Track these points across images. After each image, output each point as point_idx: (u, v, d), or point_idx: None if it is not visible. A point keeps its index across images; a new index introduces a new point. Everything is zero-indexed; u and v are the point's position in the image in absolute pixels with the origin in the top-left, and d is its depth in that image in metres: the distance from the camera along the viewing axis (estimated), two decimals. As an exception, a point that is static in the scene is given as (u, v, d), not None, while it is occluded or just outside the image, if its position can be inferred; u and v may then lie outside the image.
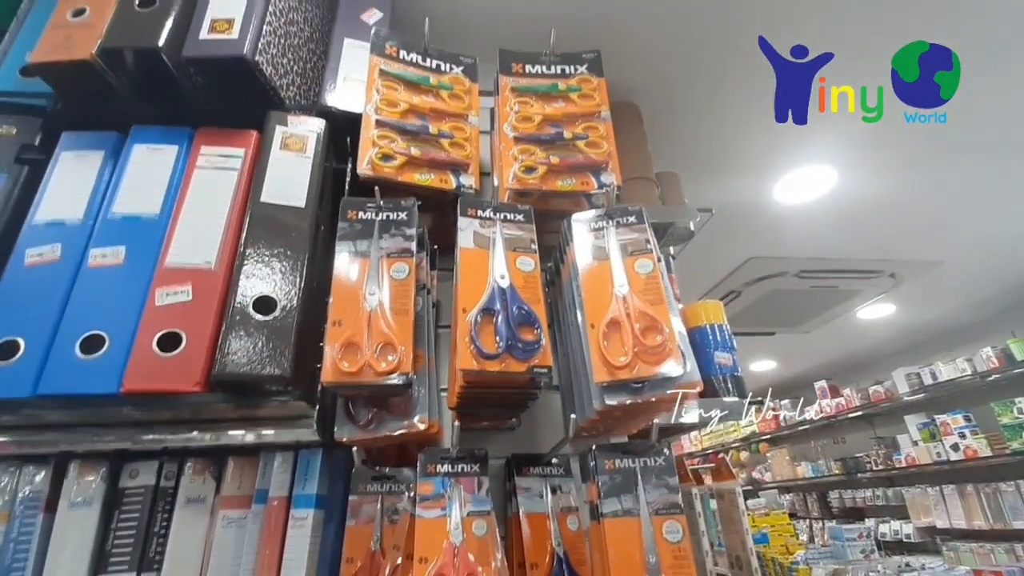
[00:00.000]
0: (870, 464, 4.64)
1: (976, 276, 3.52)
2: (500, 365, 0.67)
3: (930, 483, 4.12)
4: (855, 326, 4.33)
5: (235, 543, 0.78)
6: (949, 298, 3.89)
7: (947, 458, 3.81)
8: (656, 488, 0.74)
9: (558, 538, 0.79)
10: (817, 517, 5.44)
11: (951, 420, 3.89)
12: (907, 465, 4.16)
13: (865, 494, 4.87)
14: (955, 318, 4.26)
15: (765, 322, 4.20)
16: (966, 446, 3.72)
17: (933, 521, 3.95)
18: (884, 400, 4.44)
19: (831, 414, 5.01)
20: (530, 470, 0.86)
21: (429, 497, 0.72)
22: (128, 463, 0.82)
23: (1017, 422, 3.41)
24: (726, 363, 1.27)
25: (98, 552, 0.76)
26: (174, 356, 0.68)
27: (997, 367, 3.58)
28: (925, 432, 4.11)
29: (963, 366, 3.89)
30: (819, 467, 5.37)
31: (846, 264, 3.27)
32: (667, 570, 0.68)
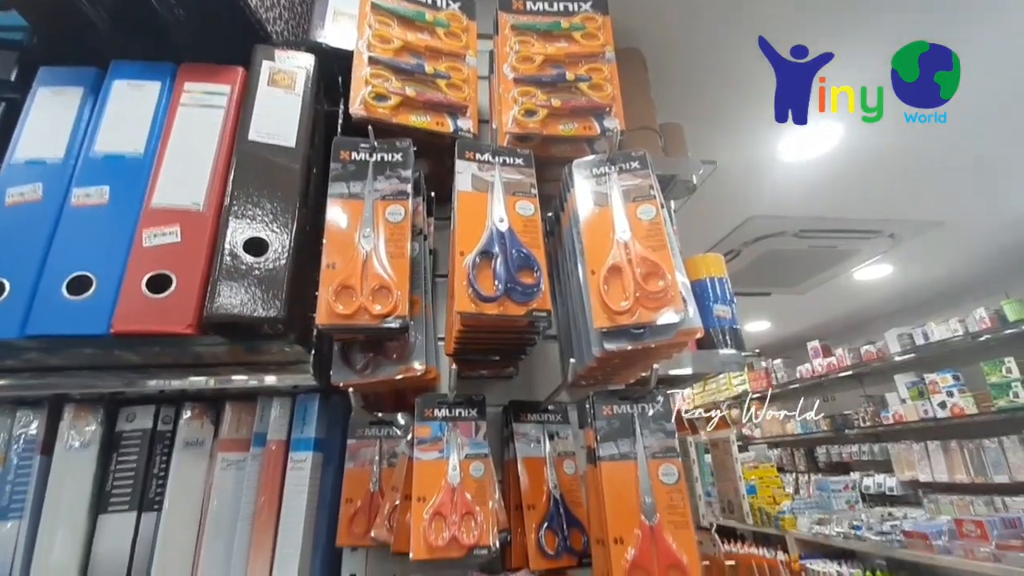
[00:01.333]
0: (858, 421, 4.75)
1: (975, 237, 3.51)
2: (498, 308, 0.65)
3: (915, 439, 4.24)
4: (851, 287, 4.34)
5: (235, 484, 0.78)
6: (946, 260, 3.89)
7: (934, 415, 3.90)
8: (653, 433, 0.74)
9: (555, 481, 0.80)
10: (804, 471, 5.61)
11: (940, 379, 3.96)
12: (894, 422, 4.26)
13: (851, 449, 5.01)
14: (951, 280, 4.28)
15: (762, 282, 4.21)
16: (953, 404, 3.80)
17: (916, 475, 4.08)
18: (875, 360, 4.50)
19: (822, 373, 5.09)
20: (528, 416, 0.86)
21: (427, 440, 0.72)
22: (125, 407, 0.82)
23: (1005, 381, 3.47)
24: (725, 316, 1.27)
25: (98, 492, 0.76)
26: (164, 298, 0.66)
27: (989, 328, 3.62)
28: (914, 390, 4.19)
29: (955, 327, 3.93)
30: (808, 424, 5.51)
31: (846, 224, 3.25)
32: (662, 510, 0.69)
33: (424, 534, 0.64)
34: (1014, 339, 3.50)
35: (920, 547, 2.32)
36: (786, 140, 2.29)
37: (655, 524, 0.69)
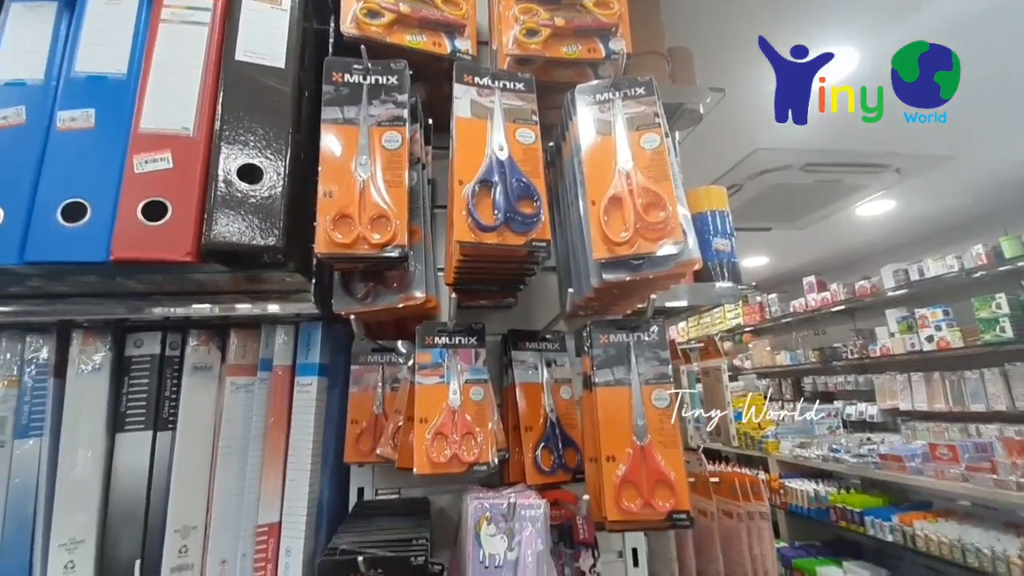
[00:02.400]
0: (846, 353, 4.89)
1: (980, 173, 3.45)
2: (498, 238, 0.65)
3: (900, 371, 4.38)
4: (852, 223, 4.32)
5: (244, 406, 0.82)
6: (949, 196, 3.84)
7: (920, 348, 4.01)
8: (648, 361, 0.77)
9: (551, 405, 0.83)
10: (789, 400, 5.85)
11: (930, 314, 4.04)
12: (881, 355, 4.39)
13: (837, 380, 5.19)
14: (952, 216, 4.25)
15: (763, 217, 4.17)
16: (940, 338, 3.89)
17: (897, 404, 4.26)
18: (868, 295, 4.56)
19: (815, 307, 5.18)
20: (526, 345, 0.88)
21: (428, 366, 0.74)
22: (132, 334, 0.83)
23: (993, 316, 3.54)
24: (724, 249, 1.27)
25: (113, 413, 0.79)
26: (161, 225, 0.66)
27: (984, 264, 3.64)
28: (903, 324, 4.29)
29: (951, 263, 3.95)
30: (797, 355, 5.68)
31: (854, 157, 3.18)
32: (653, 431, 0.73)
33: (427, 452, 0.68)
34: (1008, 276, 3.54)
35: (894, 468, 2.47)
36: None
37: (646, 444, 0.72)
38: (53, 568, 0.71)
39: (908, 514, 2.28)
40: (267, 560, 0.76)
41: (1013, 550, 1.80)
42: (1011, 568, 1.78)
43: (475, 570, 0.60)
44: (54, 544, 0.72)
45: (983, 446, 2.21)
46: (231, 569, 0.76)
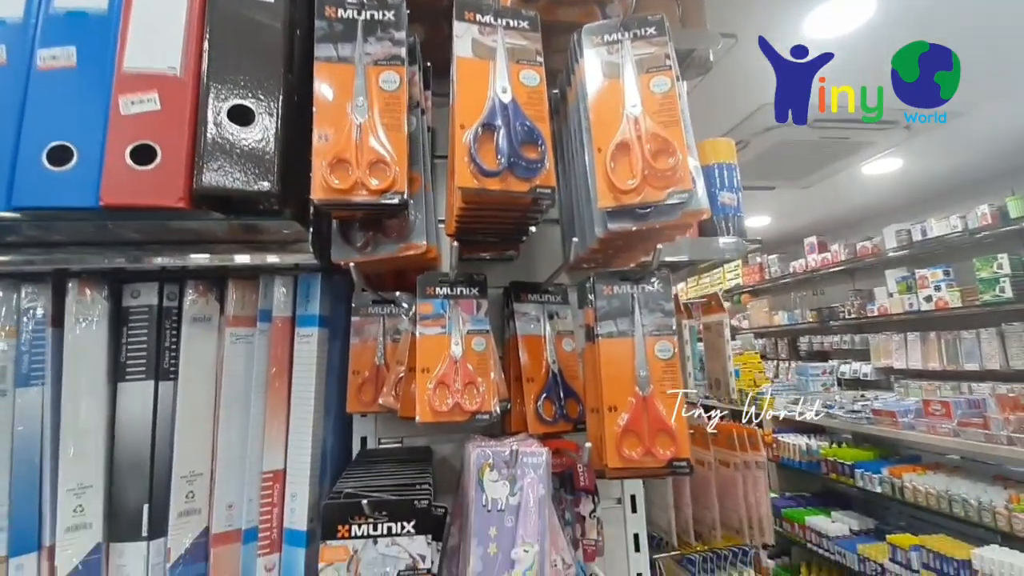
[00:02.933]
0: (843, 313, 4.92)
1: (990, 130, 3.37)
2: (501, 184, 0.63)
3: (896, 330, 4.42)
4: (857, 182, 4.25)
5: (245, 357, 0.81)
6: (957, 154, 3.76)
7: (918, 308, 4.03)
8: (652, 312, 0.76)
9: (553, 356, 0.83)
10: (785, 359, 5.92)
11: (930, 274, 4.04)
12: (879, 314, 4.42)
13: (833, 339, 5.24)
14: (959, 176, 4.18)
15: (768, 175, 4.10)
16: (939, 298, 3.91)
17: (892, 362, 4.31)
18: (869, 255, 4.55)
19: (815, 268, 5.17)
20: (528, 297, 0.87)
21: (429, 316, 0.73)
22: (128, 284, 0.82)
23: (994, 276, 3.54)
24: (730, 204, 1.25)
25: (113, 363, 0.79)
26: (151, 170, 0.63)
27: (989, 224, 3.61)
28: (902, 285, 4.29)
29: (955, 223, 3.92)
30: (794, 315, 5.72)
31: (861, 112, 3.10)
32: (656, 382, 0.73)
33: (429, 400, 0.68)
34: (1011, 236, 3.51)
35: (887, 424, 2.53)
36: (813, 16, 2.10)
37: (648, 394, 0.72)
38: (63, 512, 0.73)
39: (898, 467, 2.34)
40: (273, 504, 0.77)
41: (1000, 501, 1.86)
42: (996, 518, 1.84)
43: (478, 514, 0.61)
44: (62, 489, 0.73)
45: (976, 402, 2.25)
46: (238, 513, 0.77)
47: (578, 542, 0.77)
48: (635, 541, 0.91)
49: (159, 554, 0.76)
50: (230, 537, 0.76)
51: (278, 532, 0.76)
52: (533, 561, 0.61)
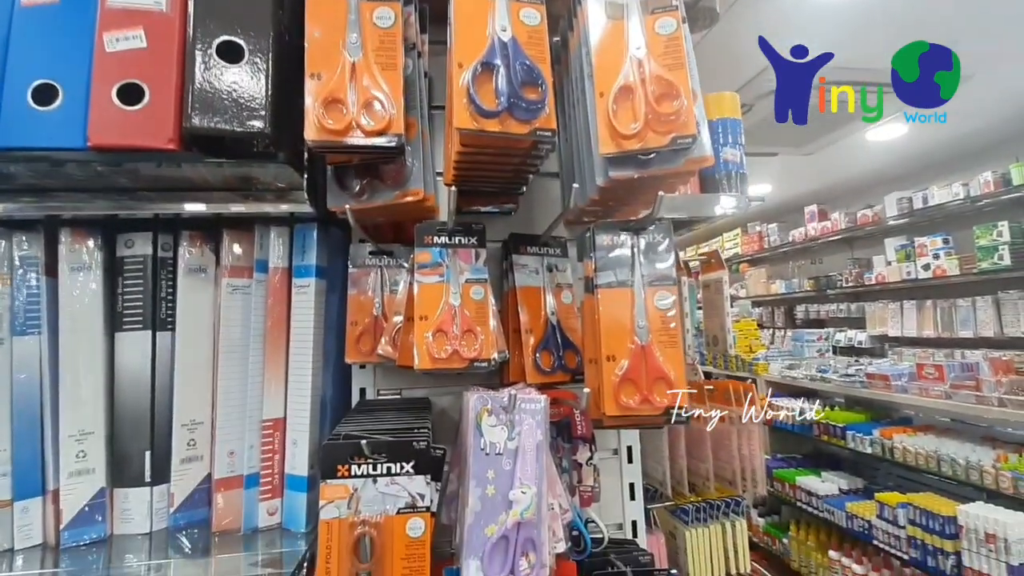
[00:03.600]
0: (841, 281, 4.93)
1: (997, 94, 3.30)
2: (500, 125, 0.61)
3: (892, 299, 4.43)
4: (861, 149, 4.19)
5: (242, 307, 0.81)
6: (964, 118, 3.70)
7: (916, 276, 4.03)
8: (652, 263, 0.75)
9: (552, 308, 0.83)
10: (781, 327, 5.96)
11: (929, 242, 4.02)
12: (876, 283, 4.42)
13: (830, 308, 5.26)
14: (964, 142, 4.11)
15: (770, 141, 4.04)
16: (937, 266, 3.90)
17: (887, 330, 4.34)
18: (869, 223, 4.52)
19: (814, 236, 5.15)
20: (527, 249, 0.86)
21: (427, 265, 0.72)
22: (122, 234, 0.81)
23: (993, 244, 3.53)
24: (733, 160, 1.22)
25: (110, 312, 0.79)
26: (139, 109, 0.62)
27: (991, 192, 3.57)
28: (901, 253, 4.28)
29: (957, 191, 3.88)
30: (792, 284, 5.73)
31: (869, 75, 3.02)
32: (655, 332, 0.73)
33: (427, 348, 0.68)
34: (1013, 204, 3.48)
35: (880, 387, 2.56)
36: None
37: (647, 344, 0.72)
38: (65, 457, 0.73)
39: (888, 428, 2.38)
40: (274, 452, 0.78)
41: (988, 460, 1.90)
42: (983, 476, 1.89)
43: (476, 457, 0.62)
44: (64, 435, 0.74)
45: (969, 366, 2.28)
46: (239, 459, 0.78)
47: (575, 489, 0.79)
48: (631, 490, 0.93)
49: (162, 499, 0.77)
50: (232, 483, 0.78)
51: (279, 478, 0.78)
52: (531, 502, 0.62)
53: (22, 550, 0.71)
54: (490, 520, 0.61)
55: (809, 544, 2.57)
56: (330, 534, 0.55)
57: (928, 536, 1.95)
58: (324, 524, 0.55)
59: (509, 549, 0.60)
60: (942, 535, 1.91)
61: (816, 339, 3.67)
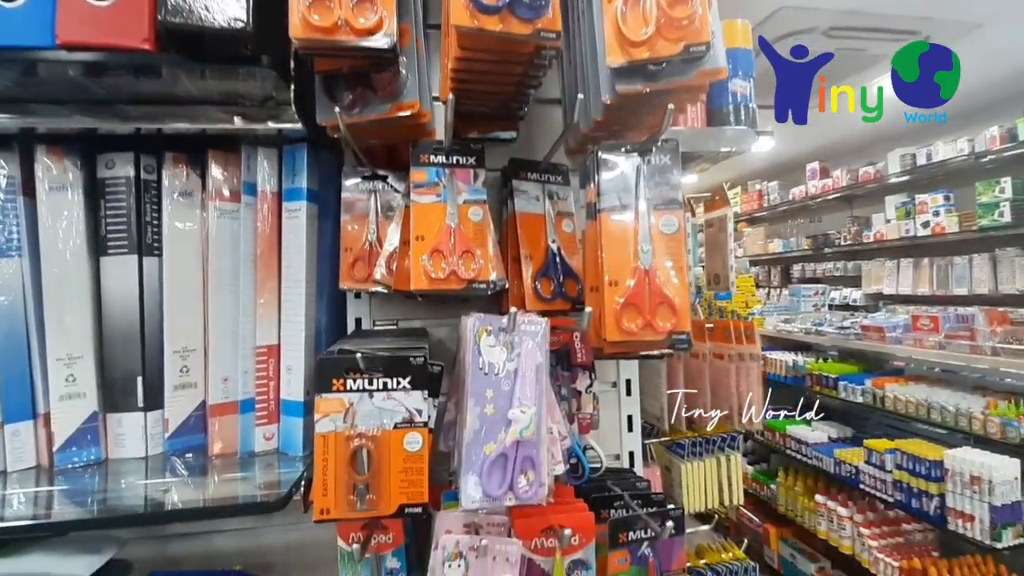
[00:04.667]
0: (839, 240, 4.91)
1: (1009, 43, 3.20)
2: (501, 23, 0.57)
3: (890, 257, 4.43)
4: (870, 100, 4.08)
5: (231, 232, 0.78)
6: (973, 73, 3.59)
7: (914, 234, 4.01)
8: (658, 186, 0.72)
9: (553, 236, 0.80)
10: (777, 286, 5.98)
11: (930, 199, 3.98)
12: (874, 240, 4.40)
13: (826, 266, 5.26)
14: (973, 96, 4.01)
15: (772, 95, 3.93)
16: (936, 223, 3.88)
17: (882, 288, 4.36)
18: (871, 180, 4.46)
19: (815, 194, 5.09)
20: (527, 175, 0.83)
21: (423, 184, 0.69)
22: (101, 154, 0.77)
23: (995, 200, 3.50)
24: (742, 92, 1.18)
25: (93, 236, 0.76)
26: (110, 5, 0.57)
27: (996, 147, 3.51)
28: (901, 210, 4.24)
29: (962, 146, 3.81)
30: (790, 243, 5.71)
31: (883, 21, 2.91)
32: (659, 256, 0.70)
33: (424, 268, 0.66)
34: (1018, 160, 3.43)
35: (874, 338, 2.58)
36: None
37: (650, 268, 0.70)
38: (54, 381, 0.72)
39: (881, 378, 2.41)
40: (269, 378, 0.77)
41: (977, 408, 1.93)
42: (972, 422, 1.92)
43: (475, 376, 0.61)
44: (51, 359, 0.72)
45: (964, 317, 2.29)
46: (233, 385, 0.77)
47: (573, 416, 0.78)
48: (629, 422, 0.93)
49: (157, 424, 0.76)
50: (227, 409, 0.77)
51: (275, 404, 0.77)
52: (530, 421, 0.61)
53: (16, 472, 0.71)
54: (489, 438, 0.60)
55: (796, 489, 2.65)
56: (326, 447, 0.54)
57: (914, 479, 2.01)
58: (320, 437, 0.54)
59: (508, 467, 0.60)
60: (928, 479, 1.96)
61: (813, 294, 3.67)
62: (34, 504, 0.64)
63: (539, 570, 0.65)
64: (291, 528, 1.07)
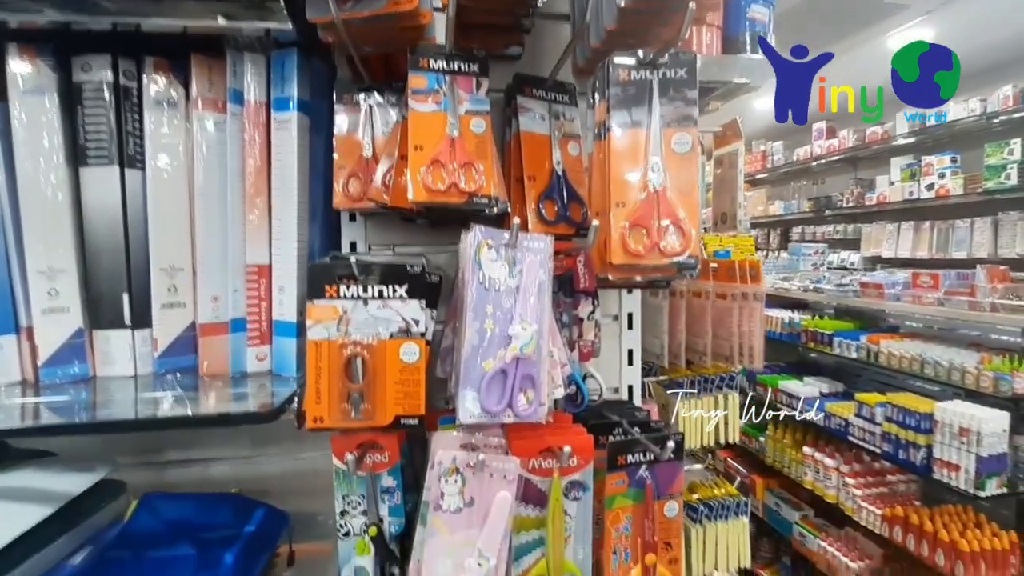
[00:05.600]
0: (841, 202, 4.85)
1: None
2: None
3: (891, 220, 4.39)
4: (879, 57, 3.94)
5: (217, 143, 0.74)
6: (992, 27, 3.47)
7: (918, 196, 3.96)
8: (672, 101, 0.68)
9: (559, 157, 0.77)
10: (775, 249, 5.96)
11: (937, 161, 3.91)
12: (877, 203, 4.35)
13: (827, 229, 5.23)
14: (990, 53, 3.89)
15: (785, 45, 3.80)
16: (941, 186, 3.82)
17: (880, 251, 4.34)
18: (878, 141, 4.37)
19: (820, 155, 4.99)
20: (533, 92, 0.78)
21: (423, 91, 0.65)
22: (77, 56, 0.72)
23: (1003, 163, 3.44)
24: (760, 19, 1.12)
25: (72, 144, 0.71)
26: None
27: (1008, 108, 3.42)
28: (906, 172, 4.18)
29: (974, 106, 3.71)
30: (791, 205, 5.64)
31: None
32: (671, 176, 0.67)
33: (422, 179, 0.62)
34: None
35: (873, 295, 2.58)
36: None
37: (660, 189, 0.67)
38: (36, 294, 0.69)
39: (876, 335, 2.42)
40: (260, 298, 0.74)
41: (971, 363, 1.94)
42: (965, 376, 1.94)
43: (475, 291, 0.58)
44: (32, 271, 0.69)
45: (965, 275, 2.28)
46: (224, 304, 0.74)
47: (574, 344, 0.76)
48: (629, 356, 0.91)
49: (146, 343, 0.74)
50: (217, 328, 0.74)
51: (267, 324, 0.74)
52: (531, 338, 0.59)
53: (1, 386, 0.69)
54: (488, 354, 0.58)
55: (785, 442, 2.70)
56: (319, 354, 0.52)
57: (903, 431, 2.04)
58: (312, 344, 0.52)
59: (507, 383, 0.58)
60: (917, 430, 1.99)
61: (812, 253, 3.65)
62: (20, 414, 0.62)
63: (536, 490, 0.64)
64: (287, 458, 1.07)
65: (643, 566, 0.67)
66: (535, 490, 0.64)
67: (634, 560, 0.67)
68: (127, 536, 0.76)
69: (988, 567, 1.82)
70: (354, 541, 0.65)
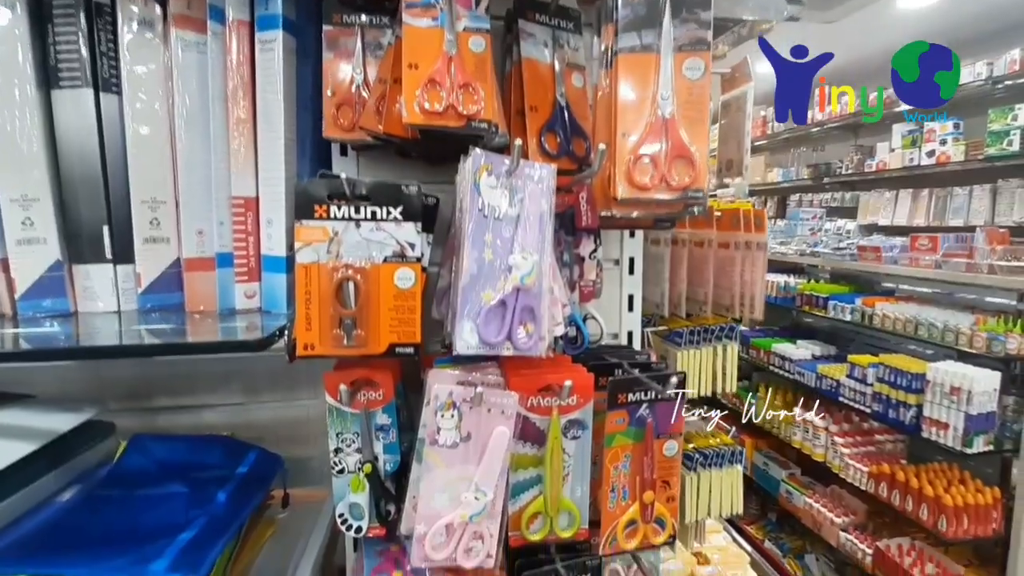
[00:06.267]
0: (840, 169, 4.79)
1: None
2: None
3: (890, 188, 4.35)
4: (889, 17, 3.84)
5: (198, 66, 0.69)
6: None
7: (918, 163, 3.91)
8: (684, 23, 0.64)
9: (562, 89, 0.72)
10: (772, 217, 5.92)
11: (939, 127, 3.85)
12: (876, 170, 4.30)
13: (824, 197, 5.19)
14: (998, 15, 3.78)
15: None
16: (941, 152, 3.77)
17: (877, 219, 4.31)
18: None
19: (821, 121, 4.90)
20: (536, 17, 0.73)
21: (417, 5, 0.60)
22: (41, -34, 0.66)
23: (1006, 128, 3.38)
24: (773, -47, 1.06)
25: (42, 65, 0.67)
26: None
27: (1015, 72, 3.35)
28: (908, 139, 4.11)
29: (980, 70, 3.63)
30: (789, 172, 5.58)
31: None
32: (681, 104, 0.63)
33: (418, 100, 0.58)
34: (1035, 86, 3.28)
35: (870, 259, 2.57)
36: None
37: (669, 117, 0.64)
38: (9, 223, 0.66)
39: (872, 297, 2.42)
40: (247, 232, 0.71)
41: (965, 324, 1.95)
42: (959, 337, 1.95)
43: (474, 219, 0.55)
44: (4, 199, 0.65)
45: (964, 237, 2.27)
46: (209, 238, 0.71)
47: (575, 284, 0.74)
48: (630, 301, 0.89)
49: (128, 279, 0.71)
50: (203, 264, 0.71)
51: (256, 260, 0.71)
52: (532, 268, 0.56)
53: (-23, 319, 0.66)
54: (487, 285, 0.56)
55: (776, 403, 2.74)
56: (308, 278, 0.49)
57: (894, 391, 2.07)
58: (301, 267, 0.49)
59: (507, 315, 0.56)
60: (908, 390, 2.01)
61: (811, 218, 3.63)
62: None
63: (534, 429, 0.63)
64: (280, 406, 1.06)
65: (641, 504, 0.66)
66: (533, 428, 0.63)
67: (632, 498, 0.66)
68: (117, 475, 0.75)
69: (971, 521, 1.87)
70: (348, 478, 0.64)
